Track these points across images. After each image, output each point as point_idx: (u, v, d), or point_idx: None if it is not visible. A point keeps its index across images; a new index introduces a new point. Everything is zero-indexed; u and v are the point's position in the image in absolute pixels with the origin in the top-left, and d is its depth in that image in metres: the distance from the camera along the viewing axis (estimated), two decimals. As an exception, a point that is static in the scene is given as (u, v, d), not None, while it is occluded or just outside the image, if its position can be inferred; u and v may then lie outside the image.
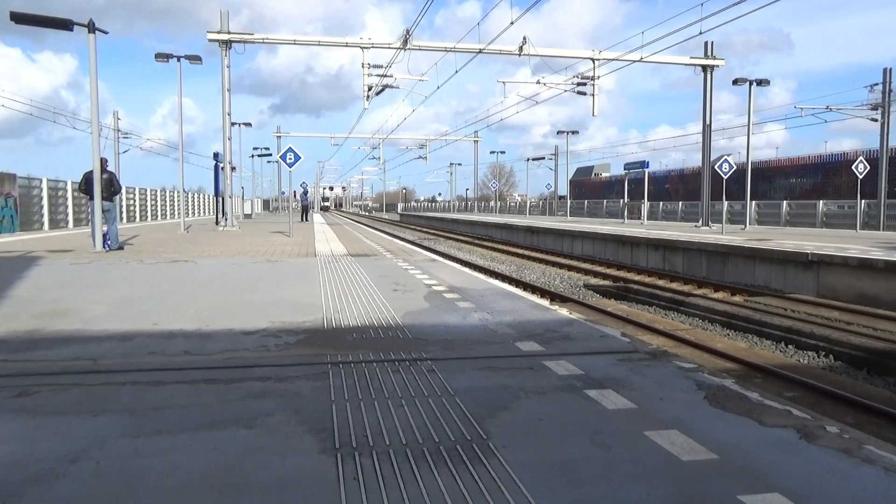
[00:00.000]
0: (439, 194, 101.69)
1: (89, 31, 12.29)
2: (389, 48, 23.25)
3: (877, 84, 25.53)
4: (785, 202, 30.32)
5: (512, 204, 75.94)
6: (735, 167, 21.68)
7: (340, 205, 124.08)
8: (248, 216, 44.86)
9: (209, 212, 48.96)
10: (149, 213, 35.61)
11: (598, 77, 24.30)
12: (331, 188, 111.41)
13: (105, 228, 12.80)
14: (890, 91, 24.99)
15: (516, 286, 12.13)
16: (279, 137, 45.54)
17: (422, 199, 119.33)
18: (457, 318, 5.59)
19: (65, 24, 12.15)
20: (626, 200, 35.89)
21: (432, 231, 41.31)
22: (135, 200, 33.05)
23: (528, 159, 58.95)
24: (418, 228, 46.78)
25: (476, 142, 57.65)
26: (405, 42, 22.49)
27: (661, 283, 15.10)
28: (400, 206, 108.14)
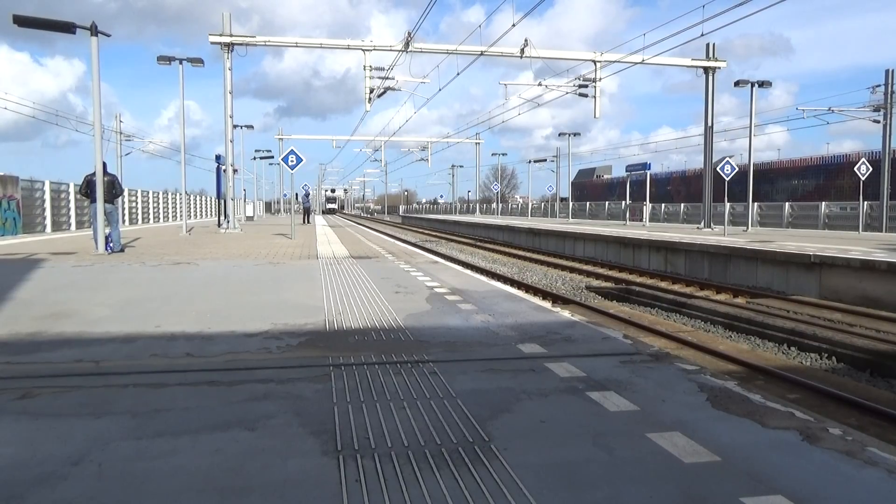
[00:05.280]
0: (441, 196, 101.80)
1: (92, 34, 12.31)
2: (391, 50, 23.28)
3: (879, 85, 25.53)
4: (787, 204, 30.27)
5: (514, 206, 75.86)
6: (737, 169, 21.65)
7: (342, 207, 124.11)
8: (249, 218, 44.89)
9: (211, 214, 49.08)
10: (151, 216, 35.66)
11: (600, 79, 24.32)
12: (332, 190, 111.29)
13: (107, 231, 12.82)
14: (892, 92, 24.97)
15: (518, 288, 12.13)
16: (281, 140, 45.57)
17: (423, 201, 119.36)
18: (458, 321, 5.59)
19: (67, 28, 12.18)
20: (627, 202, 35.88)
21: (434, 233, 41.31)
22: (137, 203, 33.11)
23: (529, 161, 58.94)
24: (420, 230, 46.79)
25: (478, 144, 57.64)
26: (407, 44, 22.51)
27: (663, 284, 15.08)
28: (402, 208, 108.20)
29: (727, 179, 20.90)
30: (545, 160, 56.57)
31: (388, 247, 15.80)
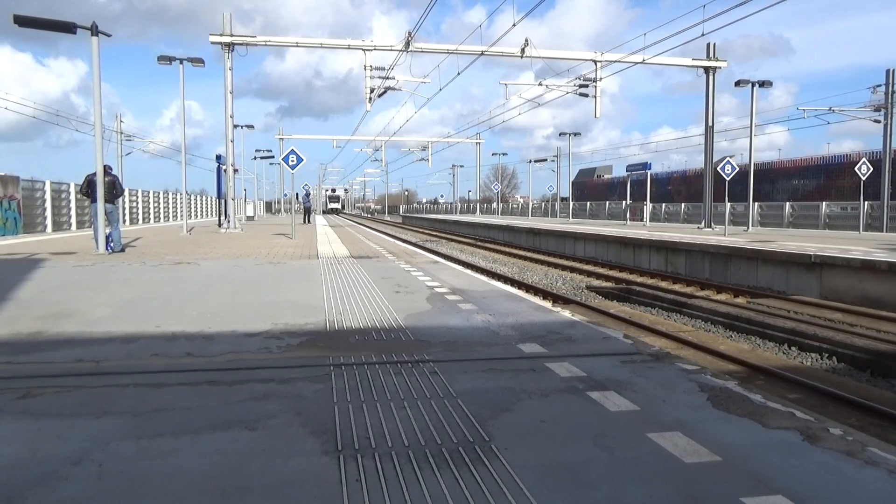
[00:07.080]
0: (441, 196, 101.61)
1: (92, 34, 12.31)
2: (392, 50, 23.27)
3: (879, 85, 25.50)
4: (788, 204, 30.24)
5: (514, 206, 75.80)
6: (737, 169, 21.64)
7: (343, 206, 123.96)
8: (250, 218, 44.92)
9: (212, 214, 49.09)
10: (151, 216, 35.68)
11: (601, 79, 24.31)
12: (334, 189, 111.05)
13: (108, 231, 12.83)
14: (893, 92, 24.93)
15: (518, 288, 12.13)
16: (282, 140, 45.58)
17: (424, 200, 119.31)
18: (459, 320, 5.59)
19: (68, 28, 12.18)
20: (628, 202, 35.88)
21: (434, 233, 41.31)
22: (138, 203, 33.13)
23: (530, 161, 58.88)
24: (420, 230, 46.79)
25: (478, 144, 57.59)
26: (407, 44, 22.51)
27: (663, 284, 15.08)
28: (402, 207, 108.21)
29: (727, 179, 20.89)
30: (545, 160, 56.57)
31: (389, 246, 15.80)
